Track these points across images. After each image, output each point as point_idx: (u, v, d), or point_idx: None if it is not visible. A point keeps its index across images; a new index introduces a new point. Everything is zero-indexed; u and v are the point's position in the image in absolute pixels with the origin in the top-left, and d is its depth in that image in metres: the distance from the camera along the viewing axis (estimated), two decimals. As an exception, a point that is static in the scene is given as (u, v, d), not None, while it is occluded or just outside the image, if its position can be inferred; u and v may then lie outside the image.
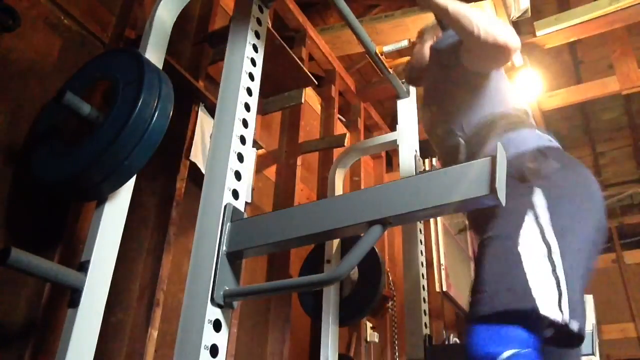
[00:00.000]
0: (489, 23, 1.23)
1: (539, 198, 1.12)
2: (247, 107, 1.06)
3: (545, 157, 1.19)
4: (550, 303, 0.99)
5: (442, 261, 3.29)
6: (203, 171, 1.61)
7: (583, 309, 1.09)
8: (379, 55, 1.89)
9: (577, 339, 1.04)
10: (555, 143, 1.28)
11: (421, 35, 1.69)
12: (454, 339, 3.26)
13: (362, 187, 2.88)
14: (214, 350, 0.82)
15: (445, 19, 1.33)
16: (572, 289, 1.03)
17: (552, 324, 0.99)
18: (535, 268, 1.03)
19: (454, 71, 1.38)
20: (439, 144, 1.48)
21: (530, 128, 1.30)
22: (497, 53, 1.26)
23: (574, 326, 1.00)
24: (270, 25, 1.95)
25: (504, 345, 0.96)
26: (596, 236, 1.14)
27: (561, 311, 0.99)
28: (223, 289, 0.86)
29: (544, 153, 1.20)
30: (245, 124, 1.04)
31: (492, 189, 0.73)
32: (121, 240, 1.18)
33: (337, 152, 2.52)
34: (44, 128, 1.26)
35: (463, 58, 1.34)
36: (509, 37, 1.22)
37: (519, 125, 1.29)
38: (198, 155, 1.68)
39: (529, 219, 1.09)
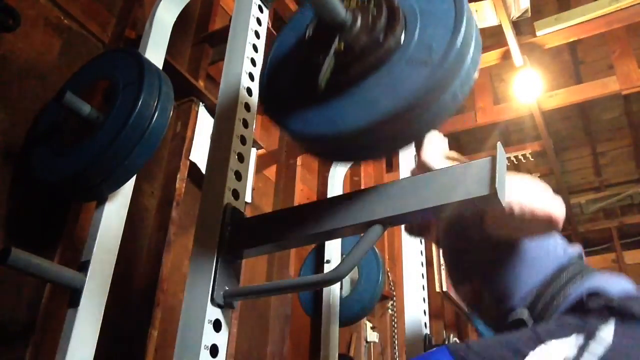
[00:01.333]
0: (521, 193, 0.97)
1: (607, 332, 0.89)
2: (247, 107, 1.06)
3: (637, 299, 0.95)
4: None
5: (442, 261, 3.29)
6: (203, 171, 1.61)
7: None
8: (379, 55, 1.88)
9: None
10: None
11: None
12: (453, 339, 3.26)
13: (362, 187, 2.88)
14: (214, 350, 0.82)
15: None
16: None
17: None
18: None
19: (485, 241, 1.13)
20: (491, 319, 1.22)
21: (604, 273, 1.08)
22: (539, 229, 1.02)
23: None
24: (270, 25, 1.95)
25: None
26: None
27: None
28: (223, 289, 0.86)
29: (636, 296, 0.97)
30: (245, 124, 1.04)
31: (492, 189, 0.73)
32: (121, 240, 1.18)
33: (337, 152, 2.51)
34: (44, 128, 1.26)
35: (490, 228, 1.09)
36: (550, 206, 0.98)
37: (588, 271, 1.08)
38: (198, 155, 1.68)
39: (574, 339, 0.89)
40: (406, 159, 2.00)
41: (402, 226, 1.53)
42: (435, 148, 1.18)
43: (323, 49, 0.75)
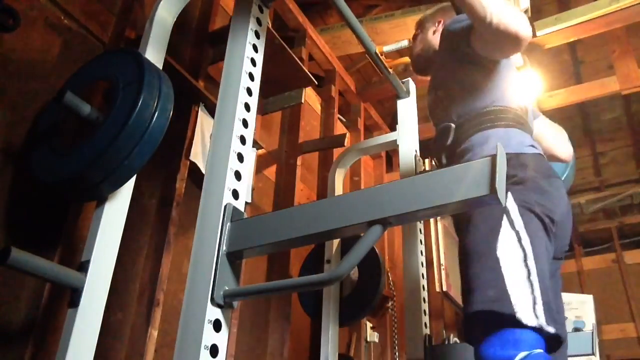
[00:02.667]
0: (503, 10, 1.20)
1: (510, 203, 1.13)
2: (247, 107, 1.06)
3: (522, 164, 1.19)
4: (525, 309, 1.01)
5: (442, 261, 3.30)
6: (203, 171, 1.61)
7: (558, 311, 1.12)
8: (379, 55, 1.88)
9: (555, 342, 1.05)
10: (538, 150, 1.28)
11: (421, 24, 1.67)
12: (454, 339, 3.26)
13: (362, 187, 2.88)
14: (214, 350, 0.82)
15: (458, 1, 1.30)
16: (544, 292, 1.05)
17: (526, 327, 1.01)
18: (513, 274, 1.06)
19: (463, 55, 1.37)
20: (436, 125, 1.48)
21: (520, 129, 1.29)
22: (507, 41, 1.23)
23: (550, 330, 1.01)
24: (270, 25, 1.95)
25: (515, 348, 0.98)
26: (550, 243, 1.16)
27: (536, 316, 1.01)
28: (223, 289, 0.86)
29: (522, 159, 1.21)
30: (245, 124, 1.04)
31: (492, 189, 0.73)
32: (121, 240, 1.18)
33: (337, 152, 2.52)
34: (44, 128, 1.26)
35: (473, 42, 1.33)
36: (520, 26, 1.19)
37: (509, 124, 1.29)
38: (198, 155, 1.68)
39: (504, 224, 1.11)
40: (406, 159, 2.00)
41: (411, 65, 1.77)
42: None
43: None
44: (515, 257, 1.07)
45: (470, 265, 1.12)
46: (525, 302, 1.02)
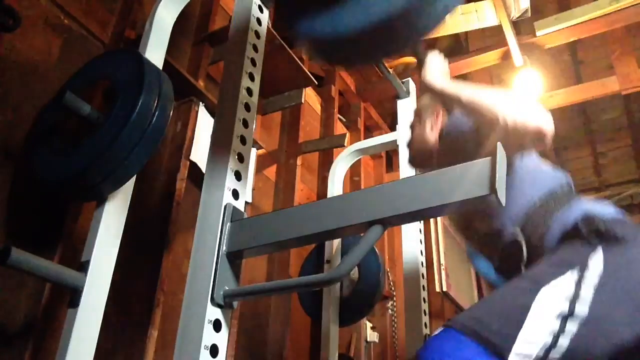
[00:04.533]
0: (514, 107, 1.05)
1: (597, 261, 0.96)
2: (247, 107, 1.06)
3: (622, 223, 1.04)
4: (526, 356, 0.88)
5: (442, 261, 3.30)
6: (203, 171, 1.61)
7: None
8: (379, 55, 1.88)
9: None
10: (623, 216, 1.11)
11: (418, 114, 1.46)
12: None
13: (362, 187, 2.88)
14: (214, 350, 0.82)
15: (459, 108, 1.17)
16: None
17: None
18: (537, 321, 0.90)
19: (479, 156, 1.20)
20: (478, 241, 1.28)
21: (592, 200, 1.13)
22: (529, 140, 1.07)
23: None
24: (270, 25, 1.95)
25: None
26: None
27: None
28: (223, 289, 0.86)
29: (621, 220, 1.05)
30: (245, 124, 1.04)
31: (492, 189, 0.73)
32: (121, 240, 1.18)
33: (337, 152, 2.52)
34: (44, 128, 1.26)
35: (488, 146, 1.11)
36: (540, 120, 1.04)
37: (577, 197, 1.13)
38: (198, 155, 1.68)
39: (570, 275, 0.94)
40: (406, 159, 2.00)
41: (406, 159, 1.60)
42: (436, 68, 1.25)
43: None
44: (552, 310, 0.91)
45: (508, 285, 1.00)
46: (530, 352, 0.88)
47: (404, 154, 2.01)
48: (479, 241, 1.27)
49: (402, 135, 2.06)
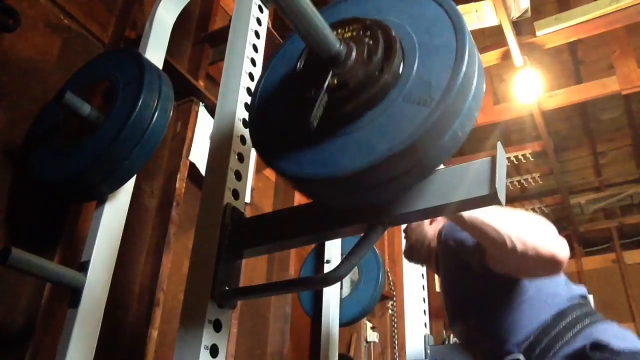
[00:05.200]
0: (524, 231, 0.94)
1: None
2: (247, 107, 1.06)
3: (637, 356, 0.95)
4: None
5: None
6: (203, 171, 1.61)
7: None
8: (379, 55, 1.88)
9: None
10: None
11: None
12: (453, 339, 3.26)
13: (362, 187, 2.87)
14: (214, 350, 0.82)
15: (462, 227, 1.03)
16: None
17: None
18: None
19: (480, 272, 1.09)
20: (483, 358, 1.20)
21: (609, 323, 1.06)
22: (541, 268, 0.98)
23: None
24: (270, 25, 1.95)
25: None
26: None
27: None
28: (223, 289, 0.86)
29: (637, 353, 0.96)
30: (245, 124, 1.04)
31: (493, 189, 0.73)
32: (121, 240, 1.18)
33: (337, 152, 2.51)
34: (44, 128, 1.26)
35: (491, 264, 1.06)
36: (555, 246, 0.94)
37: (592, 318, 1.05)
38: (198, 155, 1.68)
39: None
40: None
41: (402, 253, 1.48)
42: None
43: (315, 83, 0.70)
44: None
45: None
46: None
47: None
48: (480, 357, 1.20)
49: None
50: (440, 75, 0.67)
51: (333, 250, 2.13)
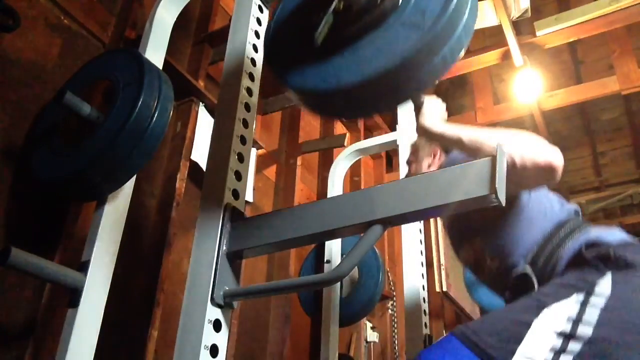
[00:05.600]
0: (521, 145, 1.02)
1: (605, 285, 0.94)
2: (247, 107, 1.06)
3: (632, 247, 1.01)
4: None
5: (442, 261, 3.30)
6: (203, 171, 1.61)
7: None
8: (379, 55, 1.88)
9: None
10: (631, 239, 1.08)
11: (415, 152, 1.46)
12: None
13: (362, 187, 2.88)
14: (214, 350, 0.82)
15: (461, 149, 1.13)
16: None
17: None
18: (537, 337, 0.90)
19: None
20: (490, 278, 1.25)
21: (599, 227, 1.12)
22: (540, 177, 1.05)
23: None
24: (270, 25, 1.95)
25: None
26: None
27: None
28: (223, 289, 0.86)
29: (630, 245, 1.02)
30: (245, 124, 1.04)
31: (493, 189, 0.73)
32: (121, 240, 1.18)
33: (337, 152, 2.52)
34: (44, 128, 1.26)
35: None
36: (549, 154, 1.02)
37: (585, 226, 1.12)
38: (198, 155, 1.68)
39: (575, 297, 0.94)
40: (406, 159, 2.00)
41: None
42: (434, 113, 1.22)
43: (323, 7, 0.80)
44: (554, 326, 0.91)
45: (510, 304, 1.00)
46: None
47: (403, 154, 2.02)
48: (490, 278, 1.24)
49: (402, 135, 2.06)
50: (434, 5, 0.76)
51: (333, 250, 2.13)
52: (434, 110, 1.22)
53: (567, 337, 0.89)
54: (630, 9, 2.67)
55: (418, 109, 1.23)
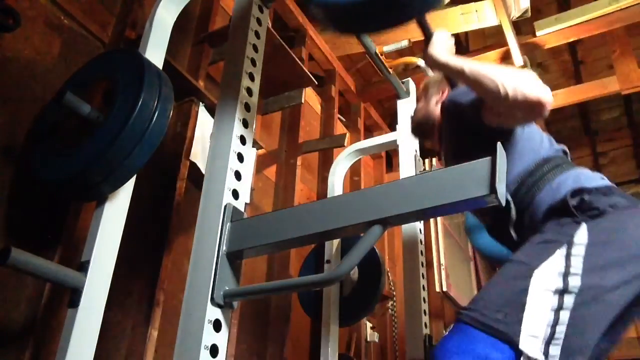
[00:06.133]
0: (515, 79, 1.10)
1: (582, 235, 1.02)
2: (247, 107, 1.06)
3: (605, 195, 1.09)
4: (533, 340, 0.91)
5: (442, 261, 3.29)
6: (203, 171, 1.61)
7: None
8: (379, 55, 1.89)
9: None
10: (610, 182, 1.17)
11: (425, 89, 1.57)
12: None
13: (362, 187, 2.88)
14: (214, 350, 0.82)
15: (462, 81, 1.22)
16: (580, 336, 0.92)
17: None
18: (537, 300, 0.95)
19: (478, 129, 1.24)
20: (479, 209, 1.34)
21: (578, 168, 1.20)
22: (530, 111, 1.12)
23: None
24: (270, 25, 1.95)
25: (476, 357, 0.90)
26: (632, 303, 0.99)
27: (545, 354, 0.90)
28: (223, 289, 0.86)
29: (604, 191, 1.10)
30: (245, 124, 1.04)
31: (492, 189, 0.73)
32: (121, 240, 1.18)
33: (337, 152, 2.52)
34: (44, 128, 1.26)
35: (487, 118, 1.21)
36: (540, 91, 1.09)
37: (569, 165, 1.20)
38: (198, 155, 1.68)
39: (559, 253, 1.00)
40: (406, 159, 2.00)
41: (410, 131, 1.73)
42: (442, 44, 1.31)
43: None
44: (549, 286, 0.97)
45: (499, 276, 1.05)
46: (537, 333, 0.92)
47: (403, 154, 2.02)
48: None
49: (402, 135, 2.06)
50: None
51: (333, 250, 2.13)
52: (442, 42, 1.31)
53: (562, 292, 0.96)
54: (630, 9, 2.67)
55: (428, 40, 1.32)
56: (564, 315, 0.94)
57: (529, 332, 0.92)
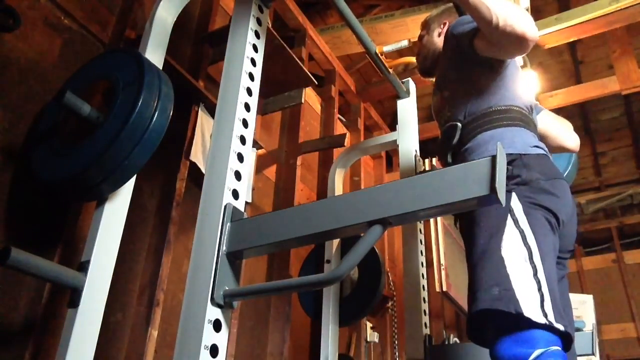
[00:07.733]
0: (509, 11, 1.19)
1: (515, 202, 1.15)
2: (247, 107, 1.06)
3: (526, 165, 1.20)
4: (533, 307, 1.01)
5: (442, 261, 3.29)
6: (203, 171, 1.61)
7: (566, 310, 1.12)
8: (379, 55, 1.89)
9: (566, 340, 1.04)
10: (543, 150, 1.28)
11: (427, 25, 1.67)
12: (454, 339, 3.26)
13: (362, 187, 2.88)
14: (214, 350, 0.82)
15: (463, 5, 1.29)
16: (552, 290, 1.05)
17: (536, 325, 1.00)
18: (518, 272, 1.06)
19: (468, 56, 1.36)
20: (441, 126, 1.48)
21: (525, 128, 1.30)
22: (514, 43, 1.22)
23: (559, 327, 1.00)
24: (270, 25, 1.95)
25: (530, 346, 0.97)
26: (556, 245, 1.18)
27: (544, 314, 1.00)
28: (223, 289, 0.86)
29: (527, 160, 1.21)
30: (245, 124, 1.04)
31: (492, 189, 0.73)
32: (121, 240, 1.18)
33: (337, 152, 2.52)
34: (44, 128, 1.26)
35: (478, 44, 1.32)
36: (527, 27, 1.19)
37: (514, 123, 1.30)
38: (198, 155, 1.68)
39: (509, 222, 1.12)
40: (406, 159, 2.00)
41: (418, 72, 1.75)
42: None
43: None
44: (520, 255, 1.08)
45: (475, 264, 1.13)
46: (532, 299, 1.02)
47: (404, 154, 2.02)
48: (441, 127, 1.46)
49: (402, 135, 2.06)
50: None
51: (333, 250, 2.13)
52: None
53: (530, 257, 1.08)
54: (630, 9, 2.67)
55: None
56: (541, 277, 1.05)
57: (526, 301, 1.01)
